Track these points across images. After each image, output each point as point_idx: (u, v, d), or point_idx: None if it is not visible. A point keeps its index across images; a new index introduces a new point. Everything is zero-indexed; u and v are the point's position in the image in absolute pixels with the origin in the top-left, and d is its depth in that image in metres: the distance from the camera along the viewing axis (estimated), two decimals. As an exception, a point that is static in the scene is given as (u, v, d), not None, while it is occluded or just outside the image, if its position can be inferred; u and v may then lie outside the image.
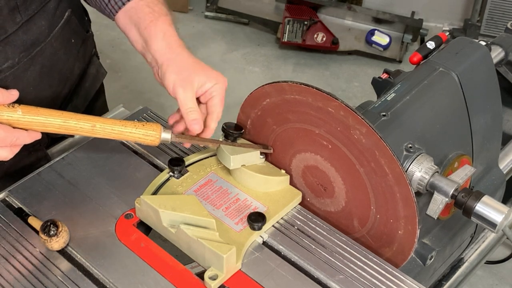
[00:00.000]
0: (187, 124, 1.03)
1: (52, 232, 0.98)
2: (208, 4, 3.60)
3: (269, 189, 1.11)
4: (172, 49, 1.05)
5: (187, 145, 1.09)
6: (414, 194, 0.96)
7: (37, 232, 1.01)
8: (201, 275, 0.97)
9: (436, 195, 1.08)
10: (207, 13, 3.60)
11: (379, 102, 1.19)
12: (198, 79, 1.03)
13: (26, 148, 1.16)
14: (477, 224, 1.30)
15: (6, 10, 1.05)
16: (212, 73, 1.05)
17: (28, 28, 1.11)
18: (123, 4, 1.10)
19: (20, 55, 1.11)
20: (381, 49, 3.29)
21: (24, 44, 1.11)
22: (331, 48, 3.30)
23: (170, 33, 1.07)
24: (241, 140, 1.15)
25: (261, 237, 1.05)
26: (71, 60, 1.24)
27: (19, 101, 0.98)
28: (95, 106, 1.43)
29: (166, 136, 1.03)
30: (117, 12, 1.11)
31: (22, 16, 1.08)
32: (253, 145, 1.14)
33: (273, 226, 1.07)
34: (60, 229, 0.99)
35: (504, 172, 1.41)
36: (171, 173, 1.12)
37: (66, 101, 1.30)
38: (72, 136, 1.30)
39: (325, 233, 1.06)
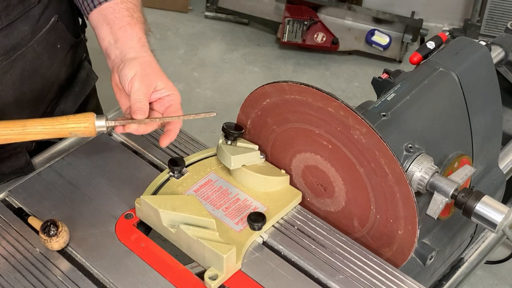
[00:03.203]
0: (132, 111, 1.01)
1: (52, 232, 0.98)
2: (208, 4, 3.60)
3: (269, 189, 1.11)
4: (144, 51, 1.07)
5: (120, 129, 1.04)
6: (414, 194, 0.96)
7: (37, 232, 1.01)
8: (201, 275, 0.97)
9: (436, 195, 1.07)
10: (207, 13, 3.60)
11: (379, 102, 1.19)
12: (158, 83, 1.04)
13: (6, 150, 1.16)
14: (477, 224, 1.30)
15: None
16: (170, 84, 1.06)
17: (8, 33, 1.10)
18: (100, 3, 1.10)
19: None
20: (381, 49, 3.29)
21: (4, 48, 1.10)
22: (331, 48, 3.29)
23: (144, 40, 1.09)
24: (241, 140, 1.15)
25: (261, 237, 1.05)
26: (56, 65, 1.23)
27: None
28: (86, 110, 1.42)
29: (100, 123, 1.01)
30: (91, 10, 1.11)
31: (3, 21, 1.08)
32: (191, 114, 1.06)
33: (273, 226, 1.07)
34: (60, 229, 0.99)
35: (504, 172, 1.41)
36: (171, 173, 1.12)
37: (53, 105, 1.29)
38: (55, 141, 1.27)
39: (325, 233, 1.06)
